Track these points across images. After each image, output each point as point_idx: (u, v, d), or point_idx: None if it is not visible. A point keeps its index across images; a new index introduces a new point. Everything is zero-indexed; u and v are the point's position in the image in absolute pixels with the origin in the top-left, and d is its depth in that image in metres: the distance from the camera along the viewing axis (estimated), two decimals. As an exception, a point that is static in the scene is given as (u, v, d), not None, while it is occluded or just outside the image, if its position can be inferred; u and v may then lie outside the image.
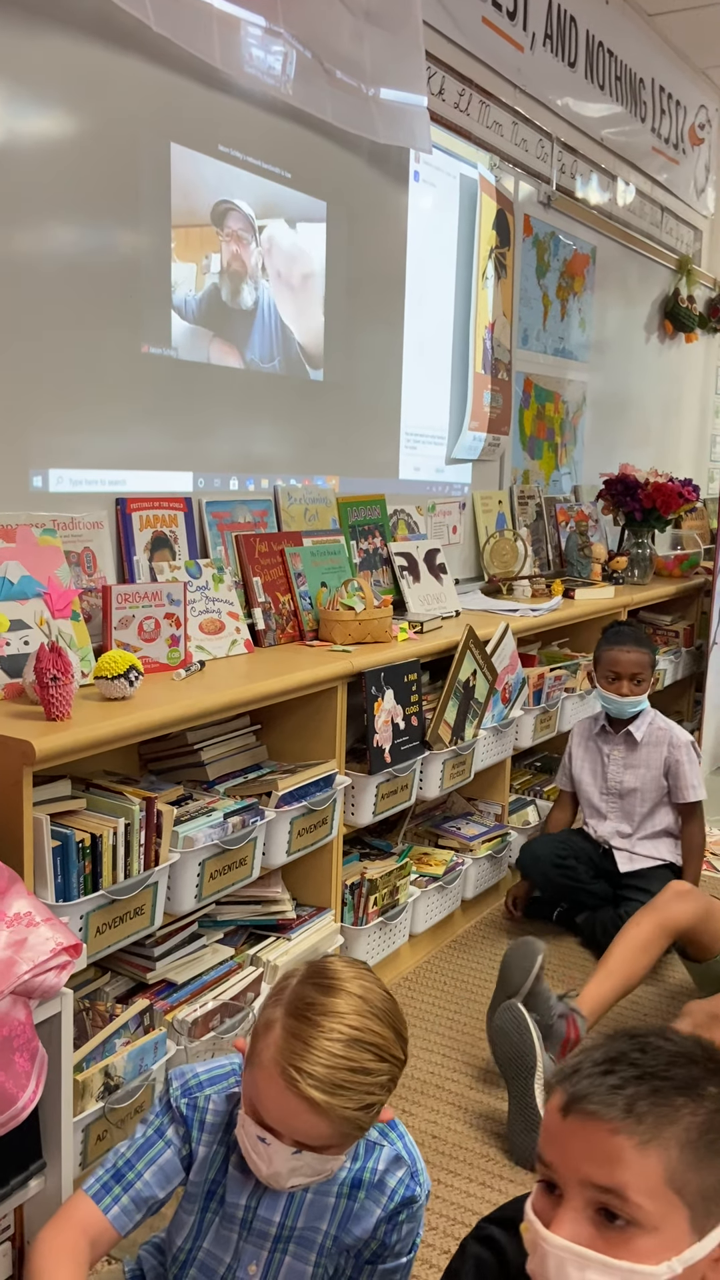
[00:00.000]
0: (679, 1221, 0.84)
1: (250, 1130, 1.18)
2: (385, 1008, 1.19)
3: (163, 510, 2.28)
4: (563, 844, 2.88)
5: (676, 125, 4.91)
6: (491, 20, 3.33)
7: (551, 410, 4.10)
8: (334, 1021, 1.14)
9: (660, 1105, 0.86)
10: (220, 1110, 1.28)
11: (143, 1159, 1.26)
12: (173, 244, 2.27)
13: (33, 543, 1.92)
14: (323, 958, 1.25)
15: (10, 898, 1.40)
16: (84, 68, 2.03)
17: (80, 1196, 1.24)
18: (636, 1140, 0.84)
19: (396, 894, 2.49)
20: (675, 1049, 0.91)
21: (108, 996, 1.90)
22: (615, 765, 2.92)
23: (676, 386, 5.35)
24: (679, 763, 2.85)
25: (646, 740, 2.88)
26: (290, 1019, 1.15)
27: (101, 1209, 1.22)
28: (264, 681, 2.04)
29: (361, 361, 2.94)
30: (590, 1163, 0.86)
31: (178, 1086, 1.30)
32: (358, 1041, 1.14)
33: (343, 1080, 1.12)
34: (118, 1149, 1.28)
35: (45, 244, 2.00)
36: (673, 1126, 0.85)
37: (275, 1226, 1.26)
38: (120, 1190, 1.24)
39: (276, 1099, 1.14)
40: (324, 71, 2.53)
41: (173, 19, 2.08)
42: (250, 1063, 1.18)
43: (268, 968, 2.09)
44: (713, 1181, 0.85)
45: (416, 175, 3.09)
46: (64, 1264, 1.15)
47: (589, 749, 2.98)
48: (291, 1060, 1.12)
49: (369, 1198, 1.26)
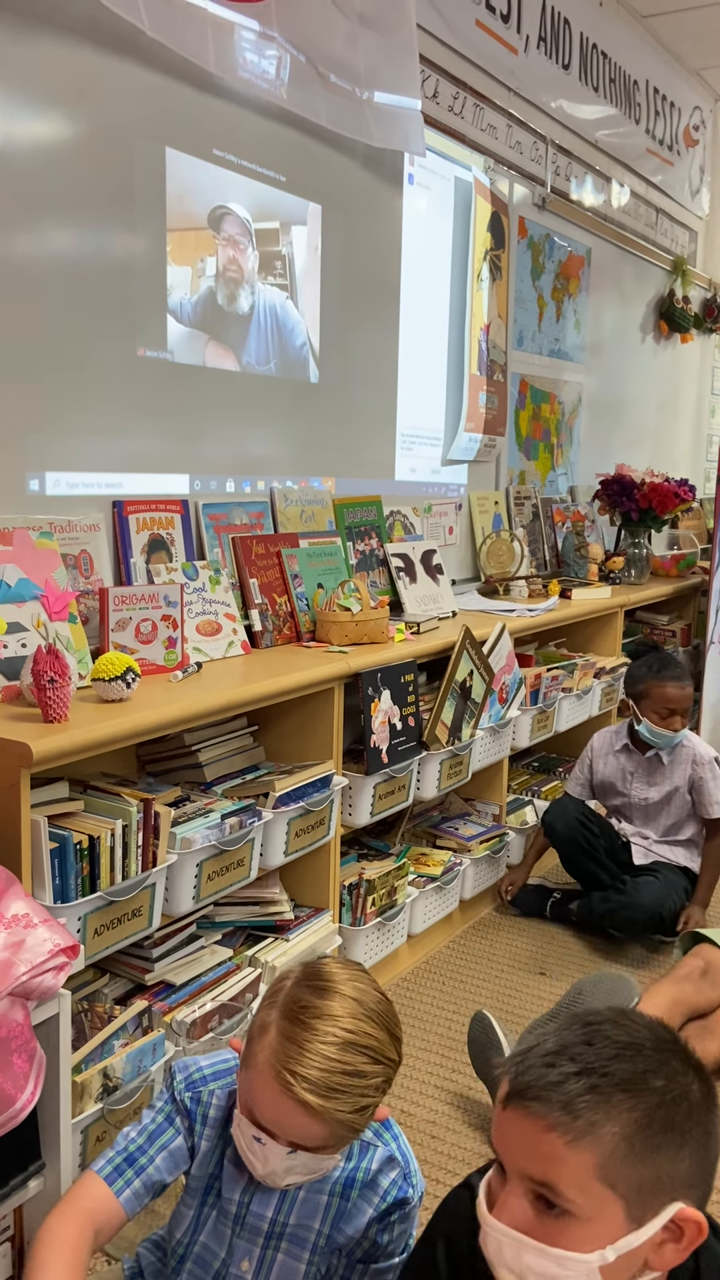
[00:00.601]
0: (613, 1213, 0.87)
1: (246, 1130, 1.19)
2: (380, 1010, 1.19)
3: (159, 512, 2.29)
4: (591, 814, 2.94)
5: (671, 126, 4.93)
6: (485, 23, 3.34)
7: (547, 411, 4.10)
8: (328, 1024, 1.14)
9: (597, 1103, 0.87)
10: (222, 1105, 1.29)
11: (154, 1144, 1.27)
12: (168, 247, 2.28)
13: (30, 545, 1.93)
14: (318, 959, 1.26)
15: (8, 899, 1.40)
16: (78, 72, 2.03)
17: (92, 1177, 1.24)
18: (569, 1138, 0.87)
19: (394, 894, 2.50)
20: (625, 1039, 0.92)
21: (106, 998, 1.91)
22: (639, 782, 2.95)
23: (672, 387, 5.36)
24: (703, 779, 2.87)
25: (672, 759, 2.92)
26: (285, 1021, 1.15)
27: (114, 1191, 1.23)
28: (261, 683, 2.05)
29: (357, 363, 2.95)
30: (525, 1156, 0.90)
31: (181, 1080, 1.31)
32: (352, 1045, 1.14)
33: (337, 1084, 1.13)
34: (127, 1133, 1.29)
35: (41, 248, 2.00)
36: (608, 1124, 0.87)
37: (268, 1223, 1.27)
38: (132, 1174, 1.25)
39: (271, 1101, 1.14)
40: (318, 75, 2.54)
41: (167, 23, 2.09)
42: (245, 1064, 1.19)
43: (266, 969, 2.10)
44: (649, 1174, 0.88)
45: (411, 178, 3.10)
46: (64, 1259, 1.15)
47: (610, 763, 3.01)
48: (286, 1064, 1.12)
49: (361, 1197, 1.26)
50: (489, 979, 2.64)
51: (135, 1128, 1.29)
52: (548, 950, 2.80)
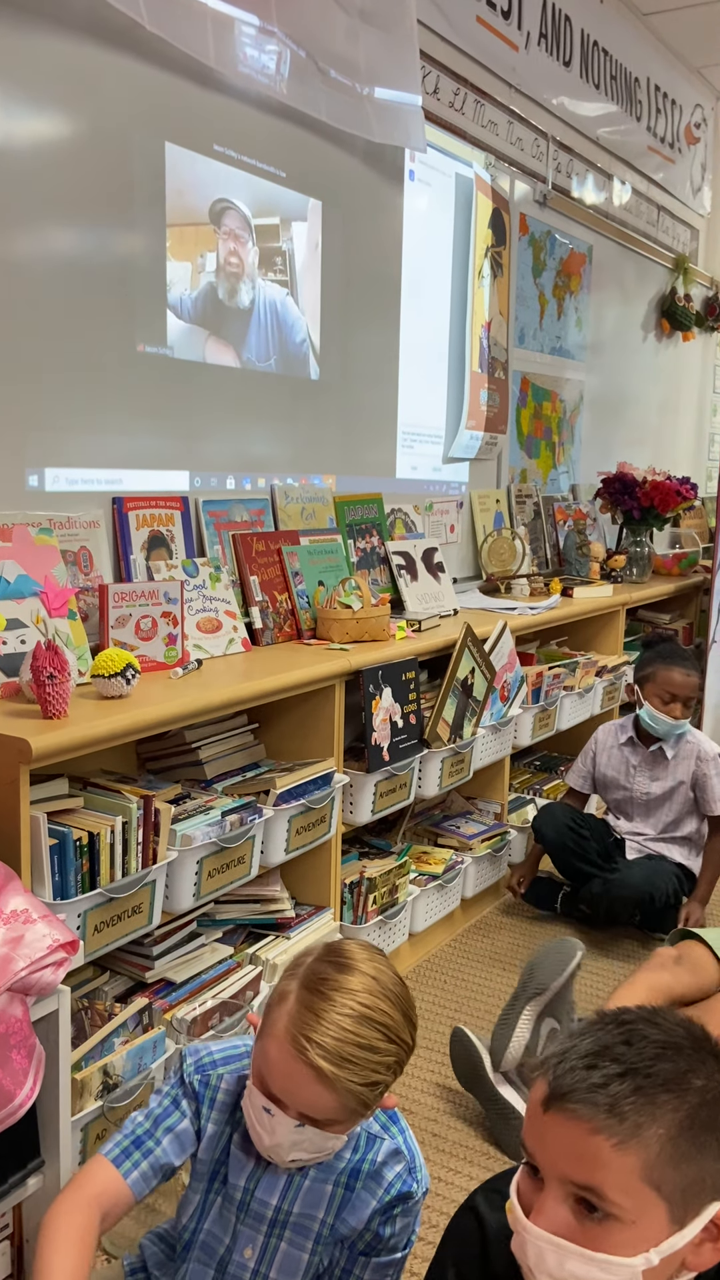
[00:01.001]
0: (657, 1215, 0.86)
1: (256, 1101, 1.20)
2: (397, 991, 1.21)
3: (159, 509, 2.28)
4: (580, 817, 2.92)
5: (672, 124, 4.92)
6: (486, 19, 3.33)
7: (549, 409, 4.10)
8: (346, 997, 1.16)
9: (642, 1104, 0.86)
10: (231, 1090, 1.30)
11: (160, 1127, 1.28)
12: (168, 243, 2.27)
13: (29, 542, 1.92)
14: (339, 940, 1.28)
15: (7, 895, 1.40)
16: (78, 67, 2.03)
17: (101, 1161, 1.25)
18: (616, 1140, 0.85)
19: (396, 893, 2.49)
20: (662, 1038, 0.90)
21: (106, 995, 1.90)
22: (642, 775, 2.94)
23: (674, 385, 5.35)
24: (707, 776, 2.86)
25: (676, 754, 2.90)
26: (304, 991, 1.18)
27: (122, 1173, 1.24)
28: (261, 680, 2.04)
29: (358, 360, 2.94)
30: (568, 1160, 0.87)
31: (191, 1063, 1.32)
32: (368, 1019, 1.16)
33: (350, 1054, 1.14)
34: (134, 1117, 1.30)
35: (40, 243, 2.00)
36: (654, 1125, 0.85)
37: (272, 1210, 1.27)
38: (140, 1156, 1.26)
39: (285, 1067, 1.15)
40: (318, 70, 2.53)
41: (166, 18, 2.08)
42: (262, 1033, 1.20)
43: (267, 966, 2.09)
44: (692, 1175, 0.86)
45: (412, 174, 3.09)
46: (72, 1247, 1.15)
47: (614, 756, 2.99)
48: (303, 1030, 1.14)
49: (365, 1189, 1.27)
50: (490, 978, 2.63)
51: (142, 1112, 1.30)
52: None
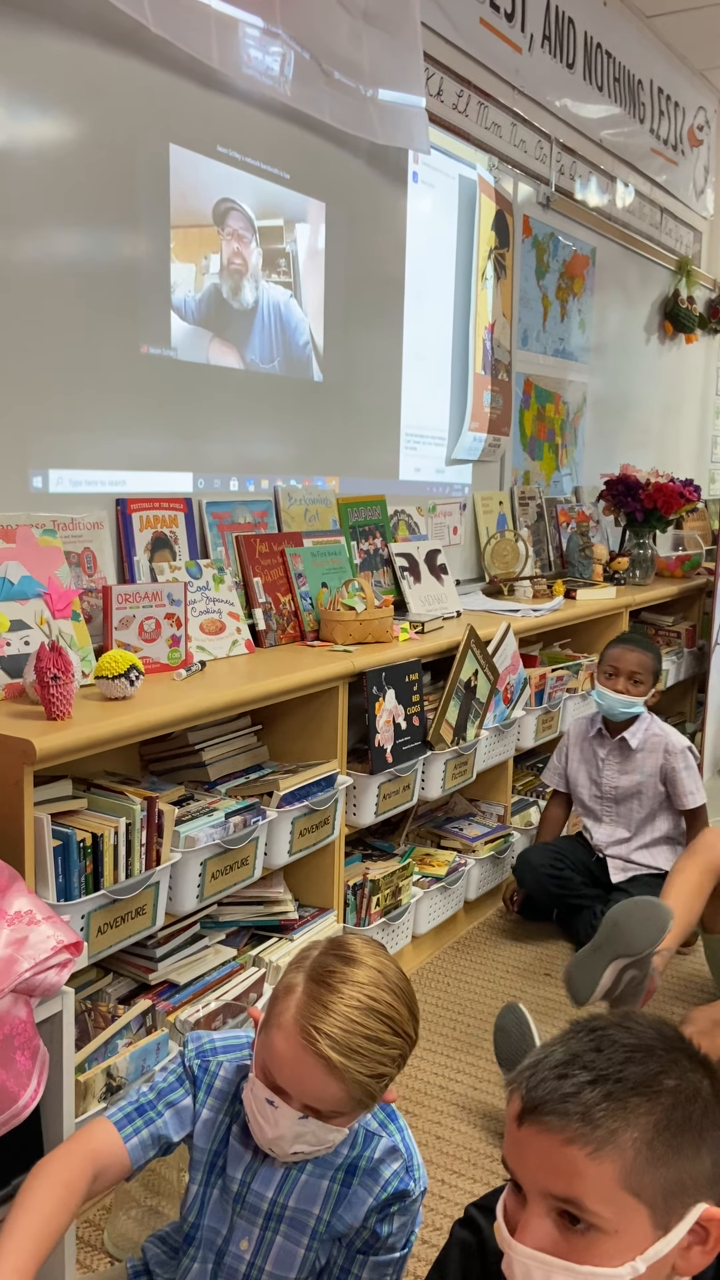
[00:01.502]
0: (640, 1222, 0.85)
1: (259, 1092, 1.20)
2: (402, 985, 1.22)
3: (163, 511, 2.28)
4: (558, 854, 2.86)
5: (675, 126, 4.92)
6: (489, 22, 3.33)
7: (552, 411, 4.10)
8: (354, 989, 1.17)
9: (614, 1109, 0.85)
10: (229, 1079, 1.31)
11: (163, 1100, 1.29)
12: (172, 244, 2.27)
13: (33, 543, 1.92)
14: (343, 934, 1.29)
15: (11, 896, 1.39)
16: (82, 69, 2.03)
17: (103, 1122, 1.26)
18: (590, 1149, 0.84)
19: (399, 894, 2.49)
20: (633, 1042, 0.90)
21: (110, 997, 1.90)
22: (610, 769, 2.90)
23: (677, 387, 5.35)
24: (675, 769, 2.82)
25: (641, 747, 2.86)
26: (311, 983, 1.18)
27: (123, 1138, 1.25)
28: (265, 681, 2.04)
29: (361, 362, 2.95)
30: (546, 1173, 0.87)
31: (193, 1048, 1.33)
32: (374, 1011, 1.17)
33: (358, 1045, 1.15)
34: (139, 1088, 1.31)
35: (45, 245, 2.00)
36: (627, 1130, 0.85)
37: (267, 1203, 1.27)
38: (142, 1124, 1.26)
39: (292, 1058, 1.16)
40: (322, 72, 2.53)
41: (171, 20, 2.09)
42: (267, 1024, 1.20)
43: (270, 968, 2.09)
44: (671, 1178, 0.85)
45: (415, 176, 3.09)
46: (57, 1195, 1.15)
47: (584, 750, 2.96)
48: (311, 1020, 1.15)
49: (361, 1185, 1.27)
50: (493, 980, 2.62)
51: (146, 1084, 1.31)
52: (553, 952, 2.79)
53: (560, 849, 2.89)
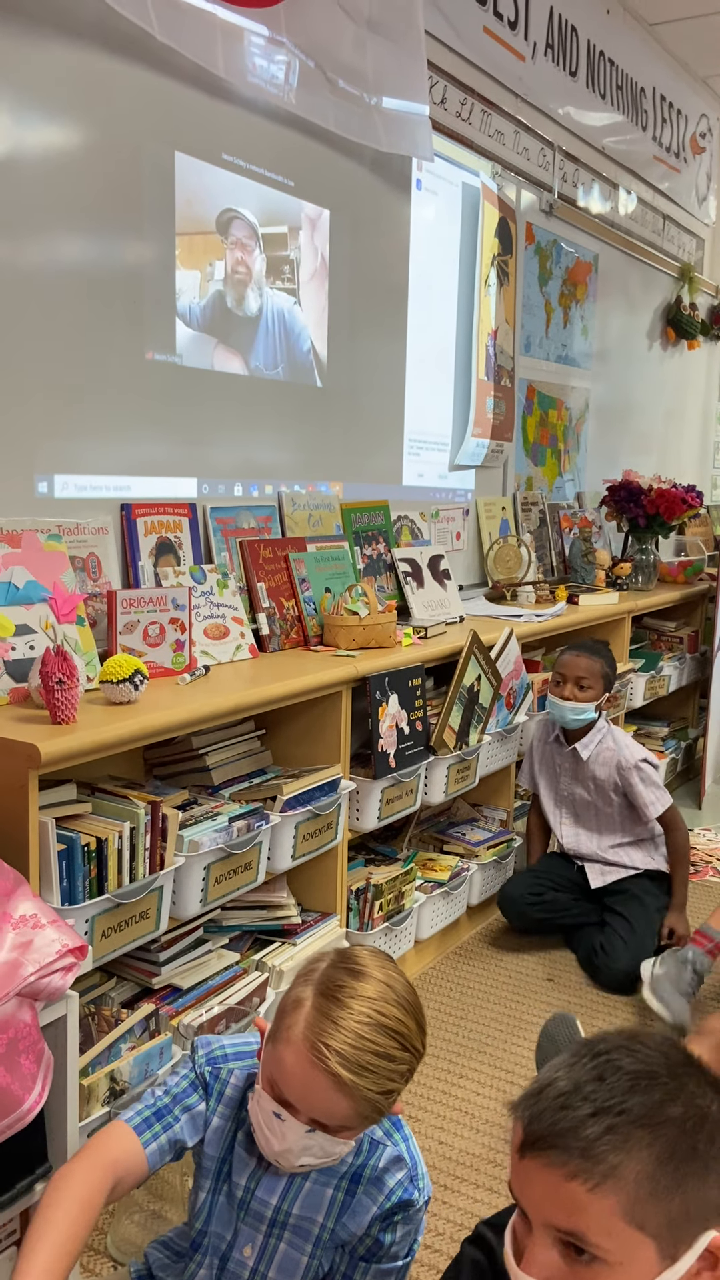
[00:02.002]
0: (646, 1254, 0.84)
1: (266, 1105, 1.20)
2: (411, 999, 1.21)
3: (167, 516, 2.29)
4: (538, 878, 2.84)
5: (678, 134, 4.93)
6: (493, 30, 3.35)
7: (554, 417, 4.10)
8: (363, 1005, 1.17)
9: (617, 1143, 0.84)
10: (239, 1086, 1.30)
11: (179, 1104, 1.29)
12: (177, 251, 2.28)
13: (38, 548, 1.93)
14: (351, 946, 1.28)
15: (16, 900, 1.40)
16: (89, 77, 2.04)
17: (121, 1127, 1.25)
18: (592, 1184, 0.84)
19: (401, 899, 2.49)
20: (637, 1068, 0.88)
21: (113, 1001, 1.90)
22: (565, 776, 2.88)
23: (679, 393, 5.36)
24: (631, 784, 2.78)
25: (593, 759, 2.82)
26: (321, 998, 1.17)
27: (142, 1142, 1.24)
28: (268, 686, 2.05)
29: (365, 368, 2.95)
30: (548, 1205, 0.86)
31: (203, 1054, 1.33)
32: (385, 1028, 1.16)
33: (368, 1062, 1.14)
34: (154, 1091, 1.30)
35: (51, 252, 2.01)
36: (630, 1163, 0.84)
37: (271, 1210, 1.27)
38: (160, 1129, 1.26)
39: (301, 1074, 1.15)
40: (326, 80, 2.55)
41: (176, 28, 2.10)
42: (274, 1038, 1.20)
43: (273, 973, 2.09)
44: (677, 1208, 0.84)
45: (419, 183, 3.11)
46: (74, 1213, 1.14)
47: (544, 754, 2.94)
48: (320, 1036, 1.14)
49: (365, 1194, 1.27)
50: (496, 985, 2.62)
51: (160, 1087, 1.31)
52: (555, 957, 2.79)
53: (540, 871, 2.87)
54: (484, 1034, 2.38)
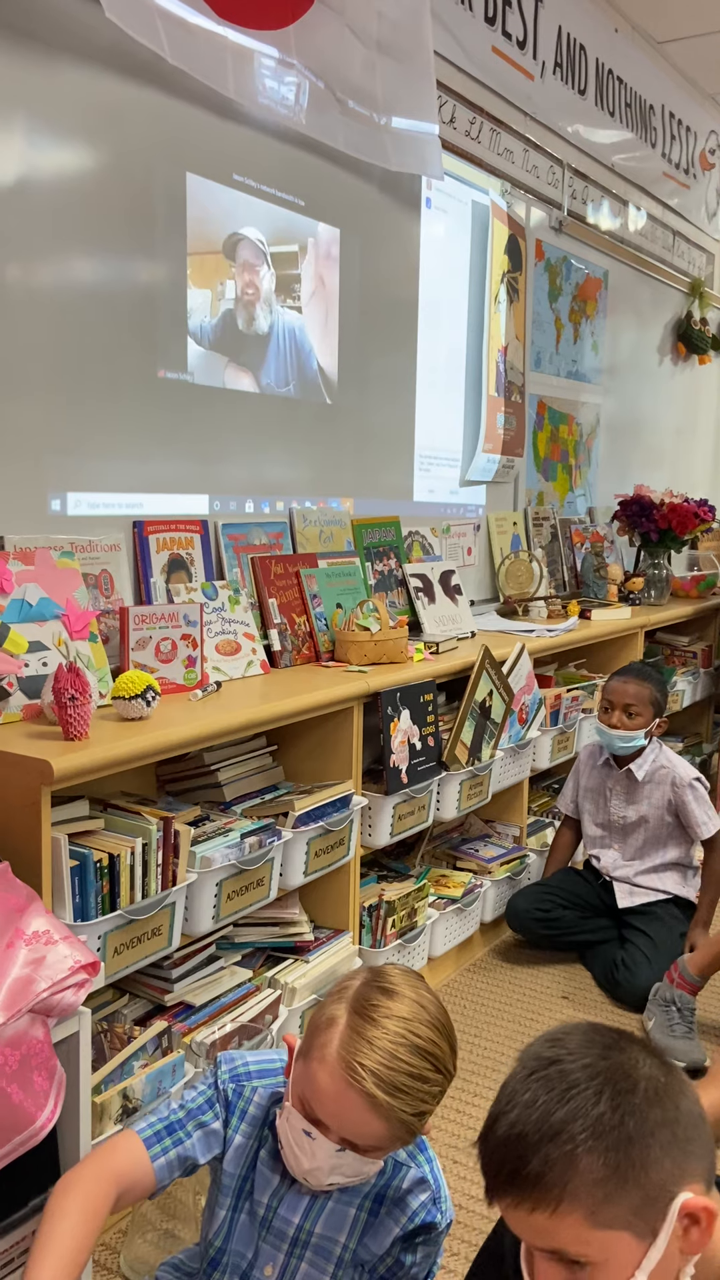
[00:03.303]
0: (624, 1243, 0.90)
1: (296, 1123, 1.19)
2: (443, 1020, 1.21)
3: (179, 533, 2.30)
4: (548, 894, 2.82)
5: (687, 150, 4.95)
6: (501, 49, 3.37)
7: (565, 432, 4.11)
8: (398, 1025, 1.16)
9: (560, 1169, 0.89)
10: (263, 1105, 1.29)
11: (193, 1120, 1.27)
12: (188, 271, 2.30)
13: (51, 565, 1.94)
14: (382, 965, 1.28)
15: (29, 916, 1.40)
16: (102, 100, 2.07)
17: (131, 1137, 1.24)
18: (549, 1210, 0.90)
19: (414, 916, 2.48)
20: (562, 1085, 0.93)
21: (126, 1018, 1.90)
22: (617, 800, 2.86)
23: (690, 408, 5.36)
24: (685, 803, 2.78)
25: (648, 779, 2.82)
26: (355, 1016, 1.17)
27: (150, 1155, 1.23)
28: (280, 702, 2.05)
29: (375, 385, 2.97)
30: (527, 1234, 0.94)
31: (226, 1071, 1.31)
32: (419, 1049, 1.16)
33: (403, 1084, 1.14)
34: (169, 1104, 1.29)
35: (64, 272, 2.03)
36: (577, 1179, 0.89)
37: (294, 1228, 1.26)
38: (170, 1143, 1.25)
39: (335, 1094, 1.15)
40: (336, 101, 2.57)
41: (187, 51, 2.12)
42: (306, 1056, 1.19)
43: (286, 990, 2.08)
44: (637, 1196, 0.89)
45: (428, 202, 3.13)
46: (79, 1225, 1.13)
47: (591, 778, 2.93)
48: (356, 1056, 1.14)
49: (389, 1215, 1.26)
50: (510, 1003, 2.61)
51: (175, 1101, 1.30)
52: (570, 974, 2.77)
53: (552, 887, 2.86)
54: (498, 1052, 2.37)
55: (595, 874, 2.88)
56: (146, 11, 2.02)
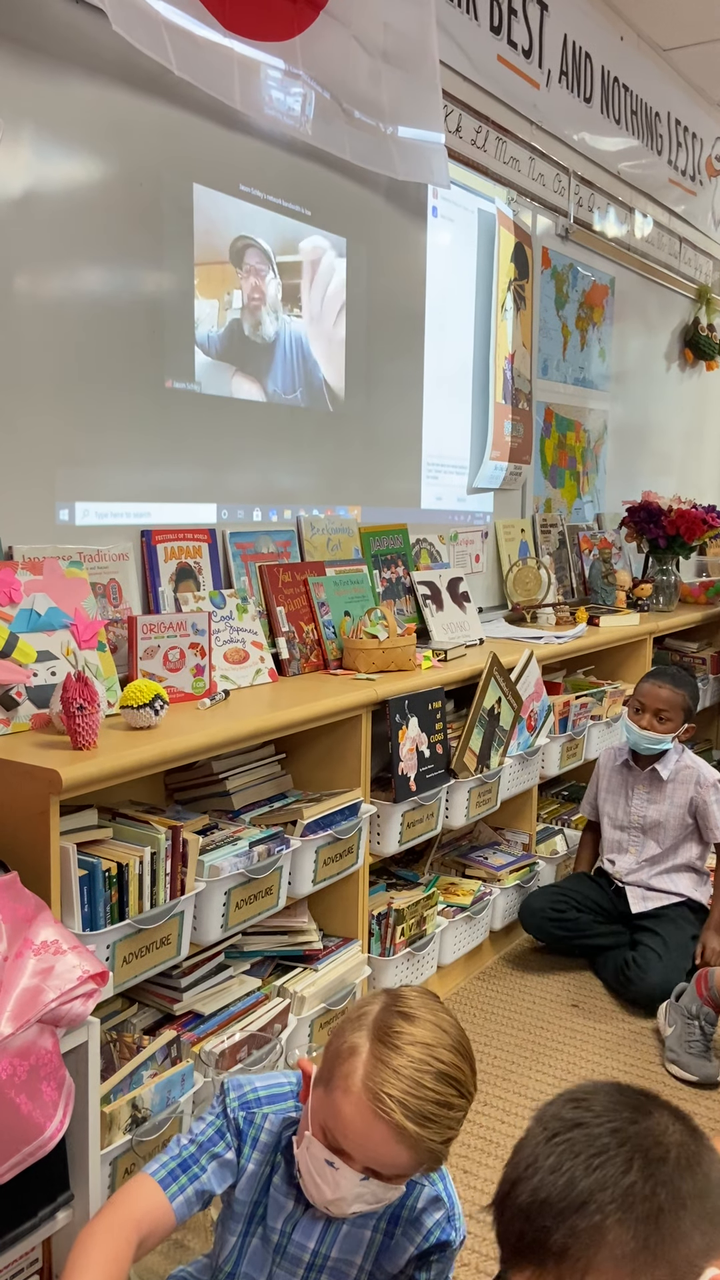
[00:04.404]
0: None
1: (318, 1153, 1.17)
2: (463, 1042, 1.20)
3: (187, 541, 2.31)
4: (562, 896, 2.82)
5: (693, 157, 4.96)
6: (507, 58, 3.38)
7: (573, 439, 4.11)
8: (423, 1052, 1.14)
9: (585, 1240, 0.83)
10: (274, 1131, 1.28)
11: (206, 1153, 1.26)
12: (195, 281, 2.31)
13: (59, 574, 1.94)
14: (399, 989, 1.25)
15: (37, 925, 1.40)
16: (109, 112, 2.08)
17: (146, 1181, 1.23)
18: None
19: (424, 924, 2.47)
20: (590, 1150, 0.86)
21: (134, 1028, 1.89)
22: (639, 799, 2.87)
23: (698, 414, 5.36)
24: (706, 803, 2.79)
25: (673, 778, 2.84)
26: (379, 1044, 1.15)
27: (168, 1196, 1.22)
28: (288, 710, 2.05)
29: (383, 393, 2.97)
30: None
31: (235, 1098, 1.30)
32: (444, 1075, 1.14)
33: (431, 1113, 1.12)
34: (179, 1139, 1.27)
35: (72, 283, 2.04)
36: (603, 1252, 0.82)
37: (309, 1254, 1.25)
38: (186, 1180, 1.23)
39: (361, 1124, 1.13)
40: (342, 111, 2.58)
41: (194, 63, 2.13)
42: (328, 1085, 1.17)
43: (295, 999, 2.08)
44: (664, 1273, 0.83)
45: (435, 210, 3.13)
46: (103, 1274, 1.12)
47: (611, 780, 2.94)
48: (382, 1086, 1.12)
49: (404, 1235, 1.25)
50: (520, 1011, 2.60)
51: (186, 1135, 1.28)
52: (580, 982, 2.76)
53: (566, 889, 2.86)
54: (508, 1061, 2.36)
55: (608, 880, 2.88)
56: (153, 24, 2.03)
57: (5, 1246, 1.38)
